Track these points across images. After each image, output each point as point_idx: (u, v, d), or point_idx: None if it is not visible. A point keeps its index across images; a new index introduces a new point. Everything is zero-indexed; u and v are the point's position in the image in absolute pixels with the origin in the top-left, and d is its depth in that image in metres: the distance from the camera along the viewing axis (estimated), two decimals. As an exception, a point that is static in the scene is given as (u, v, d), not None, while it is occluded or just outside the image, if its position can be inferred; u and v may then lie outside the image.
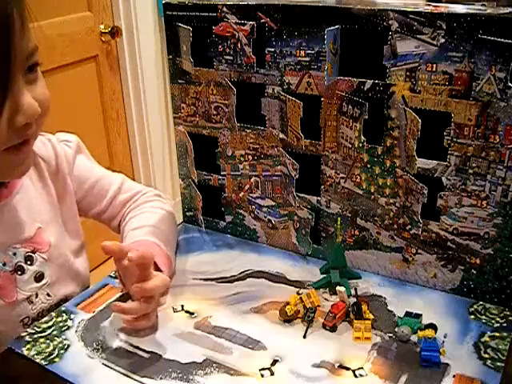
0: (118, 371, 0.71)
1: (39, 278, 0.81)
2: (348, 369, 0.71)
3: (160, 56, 2.33)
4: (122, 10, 2.15)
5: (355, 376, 0.70)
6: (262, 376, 0.71)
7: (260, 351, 0.75)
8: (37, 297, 0.81)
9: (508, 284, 0.80)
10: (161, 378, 0.70)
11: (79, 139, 0.96)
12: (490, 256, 0.80)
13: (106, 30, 2.11)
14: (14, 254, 0.78)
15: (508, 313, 0.80)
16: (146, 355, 0.74)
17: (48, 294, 0.82)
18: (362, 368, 0.71)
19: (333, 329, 0.78)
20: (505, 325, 0.78)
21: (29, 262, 0.80)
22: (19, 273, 0.79)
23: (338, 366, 0.72)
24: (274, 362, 0.73)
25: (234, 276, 0.92)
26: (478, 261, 0.81)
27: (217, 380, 0.70)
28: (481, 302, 0.83)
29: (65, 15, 1.94)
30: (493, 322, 0.79)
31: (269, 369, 0.72)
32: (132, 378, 0.70)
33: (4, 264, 0.77)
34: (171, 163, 2.52)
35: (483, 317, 0.80)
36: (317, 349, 0.75)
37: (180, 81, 0.97)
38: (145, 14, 2.22)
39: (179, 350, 0.75)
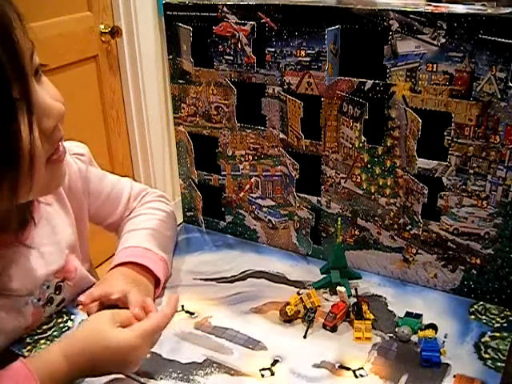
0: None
1: (60, 303, 0.81)
2: (348, 369, 0.71)
3: (160, 56, 2.33)
4: (122, 10, 2.14)
5: (355, 376, 0.70)
6: (263, 376, 0.71)
7: (260, 351, 0.75)
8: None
9: (508, 284, 0.80)
10: (161, 378, 0.70)
11: (88, 148, 0.93)
12: (490, 256, 0.80)
13: (106, 30, 2.10)
14: (48, 286, 0.77)
15: (508, 313, 0.80)
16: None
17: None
18: (362, 368, 0.71)
19: (333, 329, 0.78)
20: (505, 325, 0.78)
21: (57, 292, 0.79)
22: (49, 304, 0.79)
23: (339, 367, 0.72)
24: (275, 362, 0.73)
25: (234, 276, 0.92)
26: (478, 261, 0.81)
27: (217, 380, 0.70)
28: (481, 302, 0.82)
29: (65, 15, 1.93)
30: (493, 322, 0.79)
31: (269, 369, 0.72)
32: (132, 378, 0.70)
33: (38, 300, 0.76)
34: (171, 163, 2.52)
35: (483, 317, 0.80)
36: (317, 349, 0.75)
37: (180, 81, 0.97)
38: (145, 14, 2.22)
39: (179, 350, 0.75)
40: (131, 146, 2.36)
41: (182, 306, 0.84)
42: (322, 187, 0.90)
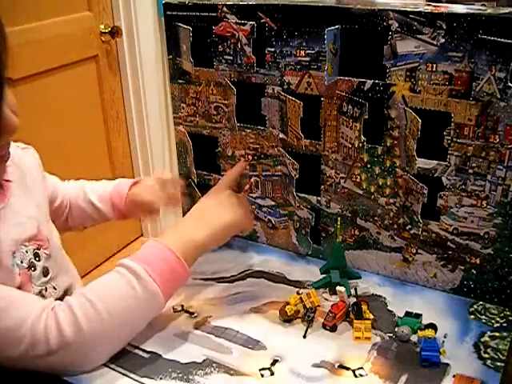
0: (118, 371, 0.71)
1: (46, 272, 0.82)
2: (348, 369, 0.71)
3: (160, 56, 2.33)
4: (122, 10, 2.13)
5: (355, 376, 0.70)
6: (262, 376, 0.71)
7: (260, 351, 0.75)
8: (46, 291, 0.82)
9: (508, 284, 0.80)
10: (161, 378, 0.70)
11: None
12: (490, 256, 0.80)
13: (106, 30, 2.09)
14: (26, 251, 0.80)
15: (508, 313, 0.80)
16: (145, 355, 0.74)
17: (54, 288, 0.83)
18: (362, 368, 0.71)
19: (333, 329, 0.78)
20: (505, 325, 0.78)
21: (37, 259, 0.81)
22: (32, 269, 0.80)
23: (338, 366, 0.72)
24: (274, 361, 0.73)
25: (233, 276, 0.92)
26: (477, 261, 0.81)
27: (217, 380, 0.70)
28: (481, 302, 0.83)
29: (65, 15, 1.92)
30: (493, 321, 0.79)
31: (269, 369, 0.72)
32: (132, 378, 0.70)
33: (21, 261, 0.78)
34: (171, 163, 2.51)
35: (483, 317, 0.80)
36: (317, 349, 0.75)
37: (180, 81, 0.97)
38: (145, 14, 2.21)
39: (179, 349, 0.75)
40: (131, 146, 2.36)
41: (182, 306, 0.84)
42: (322, 187, 0.90)
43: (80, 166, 1.95)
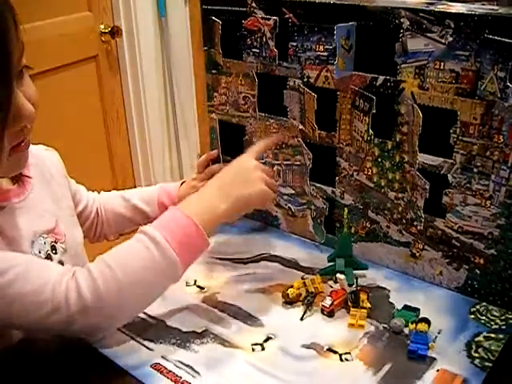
0: (123, 332, 0.78)
1: (61, 265, 0.85)
2: (336, 352, 0.74)
3: (160, 56, 2.31)
4: (122, 10, 2.13)
5: (341, 360, 0.73)
6: (253, 350, 0.75)
7: (257, 328, 0.79)
8: None
9: (511, 286, 0.79)
10: (160, 343, 0.77)
11: None
12: (493, 257, 0.79)
13: (106, 30, 2.09)
14: (44, 243, 0.83)
15: (510, 316, 0.79)
16: (151, 321, 0.81)
17: None
18: (349, 353, 0.74)
19: (330, 314, 0.81)
20: (504, 327, 0.77)
21: (54, 251, 0.84)
22: (49, 261, 0.84)
23: (327, 349, 0.75)
24: (267, 338, 0.77)
25: (249, 258, 0.97)
26: (481, 261, 0.80)
27: (210, 349, 0.75)
28: (484, 303, 0.82)
29: (65, 15, 1.91)
30: (492, 323, 0.78)
31: (261, 344, 0.76)
32: (134, 339, 0.77)
33: (39, 251, 0.82)
34: (171, 163, 2.50)
35: (483, 317, 0.80)
36: (311, 331, 0.78)
37: (213, 71, 1.03)
38: (145, 14, 2.20)
39: (183, 319, 0.81)
40: (131, 146, 2.34)
41: (195, 281, 0.90)
42: (337, 178, 0.93)
43: (80, 166, 1.84)
